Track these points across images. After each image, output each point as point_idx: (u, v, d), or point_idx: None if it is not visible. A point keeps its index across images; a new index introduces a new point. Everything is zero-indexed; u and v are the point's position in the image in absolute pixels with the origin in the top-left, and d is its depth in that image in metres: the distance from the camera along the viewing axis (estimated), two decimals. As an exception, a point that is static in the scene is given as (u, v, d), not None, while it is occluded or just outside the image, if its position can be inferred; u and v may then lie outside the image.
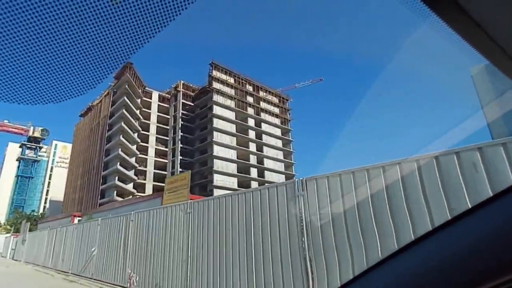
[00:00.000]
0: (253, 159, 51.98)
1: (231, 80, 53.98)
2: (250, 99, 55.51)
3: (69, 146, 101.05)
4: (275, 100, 60.17)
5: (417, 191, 4.00)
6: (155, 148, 56.86)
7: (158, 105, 59.96)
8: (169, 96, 62.54)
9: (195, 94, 62.52)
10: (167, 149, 58.33)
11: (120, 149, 47.22)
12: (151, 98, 59.09)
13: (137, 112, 53.68)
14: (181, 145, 56.46)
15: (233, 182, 47.43)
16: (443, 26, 0.46)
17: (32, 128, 46.10)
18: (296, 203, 5.23)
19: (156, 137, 57.70)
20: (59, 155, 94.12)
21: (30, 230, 22.82)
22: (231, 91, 53.30)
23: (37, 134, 40.36)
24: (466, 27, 0.43)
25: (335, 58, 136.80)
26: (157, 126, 58.28)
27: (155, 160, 56.00)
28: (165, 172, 55.97)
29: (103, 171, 50.02)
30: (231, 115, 51.68)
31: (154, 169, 55.32)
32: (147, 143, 55.70)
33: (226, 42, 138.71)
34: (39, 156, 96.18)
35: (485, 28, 0.43)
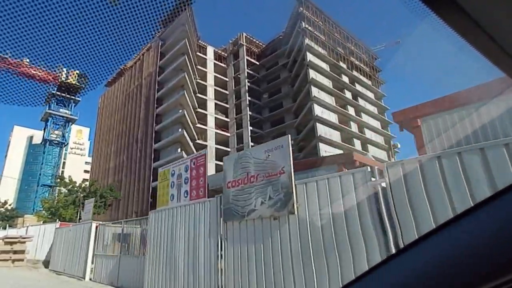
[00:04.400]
0: (354, 127, 38.60)
1: (320, 24, 40.52)
2: (340, 50, 42.10)
3: (85, 130, 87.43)
4: (364, 57, 46.84)
5: None
6: (215, 118, 43.25)
7: (214, 64, 46.46)
8: (225, 55, 49.12)
9: (260, 51, 49.20)
10: (227, 120, 44.80)
11: (184, 111, 33.61)
12: (205, 55, 45.56)
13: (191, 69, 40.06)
14: (250, 113, 43.04)
15: None
16: (443, 25, 0.45)
17: (65, 72, 33.23)
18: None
19: (215, 104, 44.12)
20: (73, 141, 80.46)
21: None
22: (322, 38, 39.85)
23: (72, 81, 28.22)
24: (465, 26, 0.43)
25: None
26: (215, 90, 44.73)
27: (215, 133, 42.41)
28: (228, 149, 42.50)
29: (154, 143, 36.48)
30: (325, 67, 38.17)
31: (216, 143, 41.76)
32: (205, 109, 42.09)
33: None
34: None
35: (484, 27, 0.42)
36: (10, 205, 34.06)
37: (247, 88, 43.92)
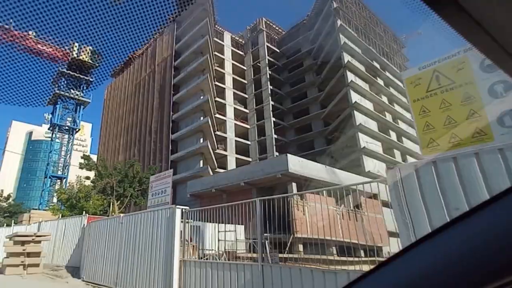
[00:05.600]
0: (388, 117, 35.39)
1: (350, 5, 37.29)
2: (370, 35, 38.91)
3: (87, 125, 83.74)
4: (393, 44, 43.73)
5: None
6: (234, 108, 39.83)
7: (232, 51, 43.10)
8: (243, 42, 45.82)
9: (280, 38, 45.98)
10: (246, 111, 41.42)
11: (207, 97, 30.21)
12: (222, 41, 42.19)
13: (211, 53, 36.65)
14: (273, 103, 39.74)
15: (379, 170, 29.95)
16: (444, 25, 0.45)
17: (76, 47, 28.72)
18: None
19: (233, 93, 40.72)
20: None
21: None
22: (354, 20, 36.63)
23: (84, 58, 24.36)
24: (466, 25, 0.43)
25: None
26: (233, 78, 41.34)
27: (234, 124, 39.00)
28: (248, 142, 39.17)
29: (172, 133, 33.06)
30: (359, 52, 34.91)
31: (235, 136, 38.34)
32: (224, 99, 38.65)
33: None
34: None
35: (485, 26, 0.42)
36: (13, 200, 30.48)
37: (268, 76, 40.60)
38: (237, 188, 21.70)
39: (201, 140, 30.00)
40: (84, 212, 12.20)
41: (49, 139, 78.07)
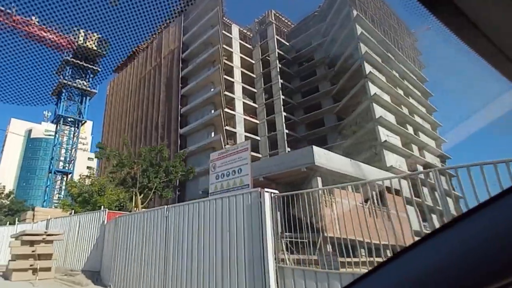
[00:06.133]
0: (405, 111, 34.03)
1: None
2: (385, 27, 37.51)
3: (88, 122, 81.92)
4: (407, 37, 42.32)
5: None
6: (243, 102, 38.30)
7: (240, 44, 41.57)
8: (251, 35, 44.30)
9: (289, 31, 44.53)
10: (255, 105, 39.92)
11: (220, 88, 28.72)
12: (230, 33, 40.64)
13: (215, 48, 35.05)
14: (283, 97, 38.28)
15: (400, 165, 28.61)
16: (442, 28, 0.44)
17: (82, 34, 26.06)
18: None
19: (242, 87, 39.20)
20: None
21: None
22: (369, 11, 35.22)
23: (90, 45, 22.45)
24: (462, 26, 0.42)
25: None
26: (241, 72, 39.81)
27: (243, 119, 37.50)
28: (257, 137, 37.65)
29: (180, 128, 31.55)
30: (375, 43, 33.49)
31: (244, 131, 36.85)
32: (232, 92, 37.12)
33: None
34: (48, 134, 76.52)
35: (481, 28, 0.42)
36: (15, 197, 28.81)
37: (278, 69, 39.15)
38: (256, 184, 20.29)
39: (212, 134, 28.55)
40: (101, 207, 10.66)
41: (49, 136, 76.36)
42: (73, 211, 11.49)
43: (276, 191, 4.80)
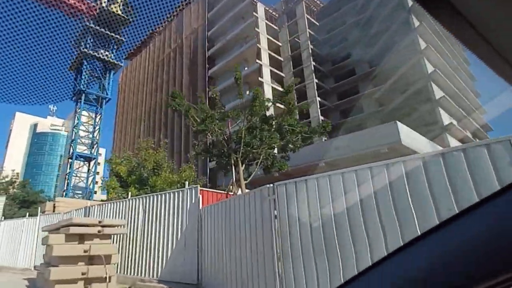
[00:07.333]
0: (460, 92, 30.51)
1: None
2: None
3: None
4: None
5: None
6: (271, 87, 34.84)
7: (266, 24, 38.08)
8: (276, 16, 40.81)
9: (319, 10, 41.04)
10: (283, 90, 36.34)
11: (257, 65, 25.36)
12: (256, 12, 37.16)
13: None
14: (317, 81, 34.82)
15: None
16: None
17: None
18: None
19: (270, 71, 35.75)
20: (81, 128, 71.82)
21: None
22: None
23: (115, 8, 19.66)
24: (460, 28, 0.42)
25: None
26: (268, 55, 36.34)
27: (273, 105, 33.98)
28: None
29: (208, 112, 28.14)
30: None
31: (275, 118, 33.40)
32: (261, 76, 33.69)
33: None
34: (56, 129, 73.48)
35: (479, 29, 0.41)
36: (31, 187, 25.49)
37: (310, 51, 35.67)
38: (313, 170, 16.89)
39: (249, 117, 25.12)
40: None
41: (55, 131, 73.18)
42: (129, 194, 8.13)
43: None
